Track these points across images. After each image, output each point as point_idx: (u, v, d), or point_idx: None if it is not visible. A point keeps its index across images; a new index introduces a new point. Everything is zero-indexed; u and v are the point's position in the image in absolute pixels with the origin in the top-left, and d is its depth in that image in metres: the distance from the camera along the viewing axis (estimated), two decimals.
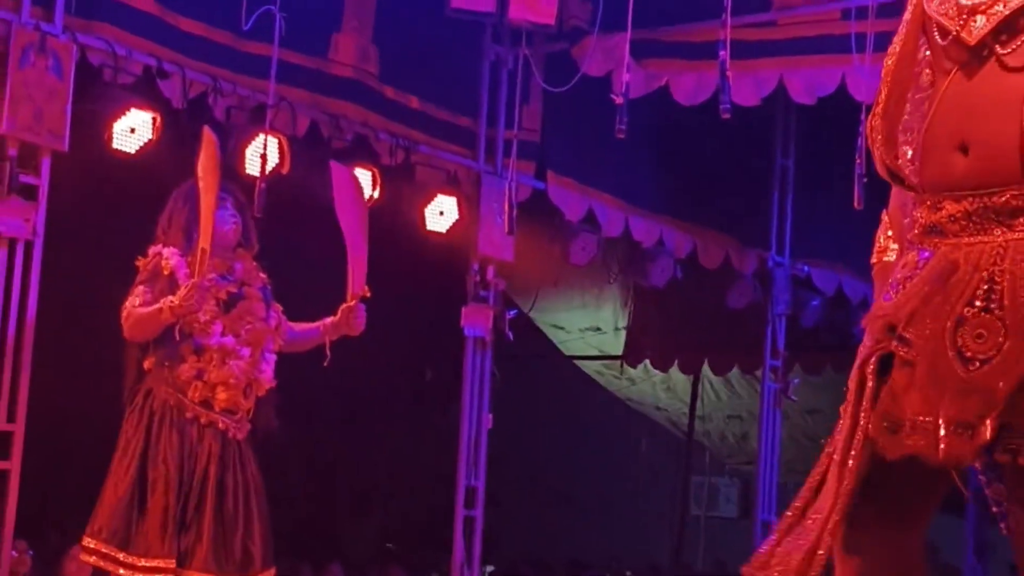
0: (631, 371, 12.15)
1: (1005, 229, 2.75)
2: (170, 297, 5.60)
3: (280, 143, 7.91)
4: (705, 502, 12.95)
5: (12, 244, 6.93)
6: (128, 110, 7.34)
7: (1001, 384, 2.67)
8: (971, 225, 2.77)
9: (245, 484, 5.84)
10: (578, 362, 12.49)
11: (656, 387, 12.57)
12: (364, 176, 8.43)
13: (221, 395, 5.76)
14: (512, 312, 9.64)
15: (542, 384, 11.71)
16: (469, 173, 9.40)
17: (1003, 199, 2.72)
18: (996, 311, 2.69)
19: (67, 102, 7.02)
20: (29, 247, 6.97)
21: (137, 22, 7.50)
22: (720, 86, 6.92)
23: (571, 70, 8.81)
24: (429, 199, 9.03)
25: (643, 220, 10.33)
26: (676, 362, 11.86)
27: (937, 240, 2.79)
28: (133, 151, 7.35)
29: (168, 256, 5.77)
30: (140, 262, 5.83)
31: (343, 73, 8.62)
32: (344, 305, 6.06)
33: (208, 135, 5.86)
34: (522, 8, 8.49)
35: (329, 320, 6.10)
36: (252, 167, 7.70)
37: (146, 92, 7.51)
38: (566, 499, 11.78)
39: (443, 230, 9.06)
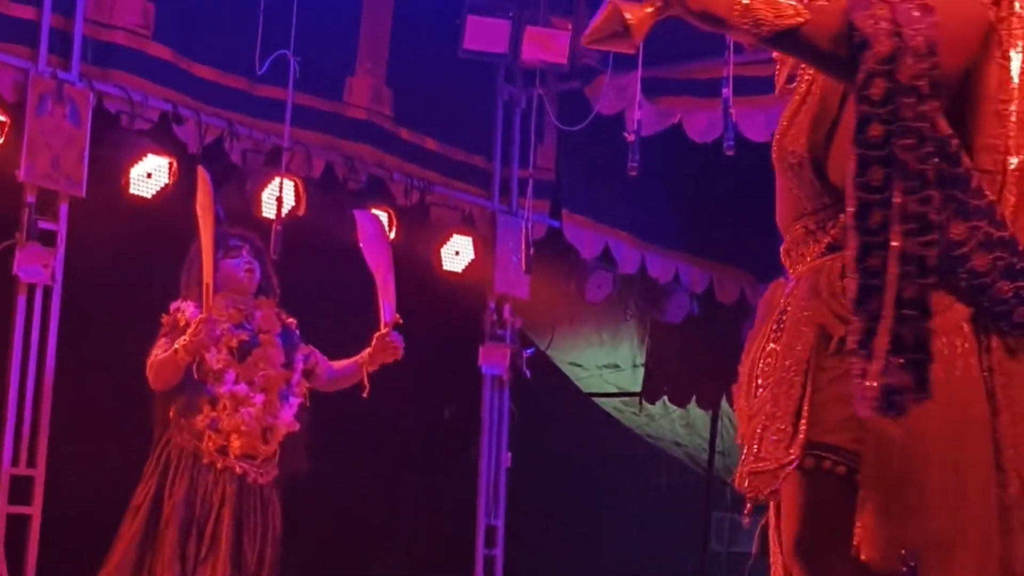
0: (649, 407, 12.13)
1: (800, 262, 2.93)
2: (182, 337, 5.72)
3: (296, 186, 7.98)
4: (727, 538, 12.90)
5: (31, 290, 7.00)
6: (145, 155, 7.40)
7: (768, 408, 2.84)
8: (788, 259, 2.98)
9: (263, 530, 5.90)
10: (596, 399, 12.49)
11: (675, 423, 12.55)
12: (379, 217, 8.43)
13: (235, 443, 5.85)
14: (529, 350, 9.63)
15: (561, 421, 11.70)
16: (484, 213, 9.43)
17: (799, 229, 2.92)
18: (780, 341, 2.88)
19: (84, 149, 7.10)
20: (48, 292, 7.04)
21: (152, 69, 7.56)
22: (724, 123, 6.96)
23: (585, 108, 8.86)
24: (445, 239, 9.06)
25: (659, 257, 10.33)
26: (694, 398, 11.84)
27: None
28: (150, 196, 7.40)
29: (184, 309, 5.89)
30: (164, 318, 5.95)
31: (357, 115, 8.66)
32: (378, 333, 6.15)
33: (202, 174, 5.98)
34: (535, 48, 8.56)
35: (366, 352, 6.19)
36: (268, 210, 7.75)
37: (162, 137, 7.57)
38: (586, 535, 11.74)
39: (459, 270, 9.08)
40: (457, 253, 9.09)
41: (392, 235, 8.53)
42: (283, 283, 6.36)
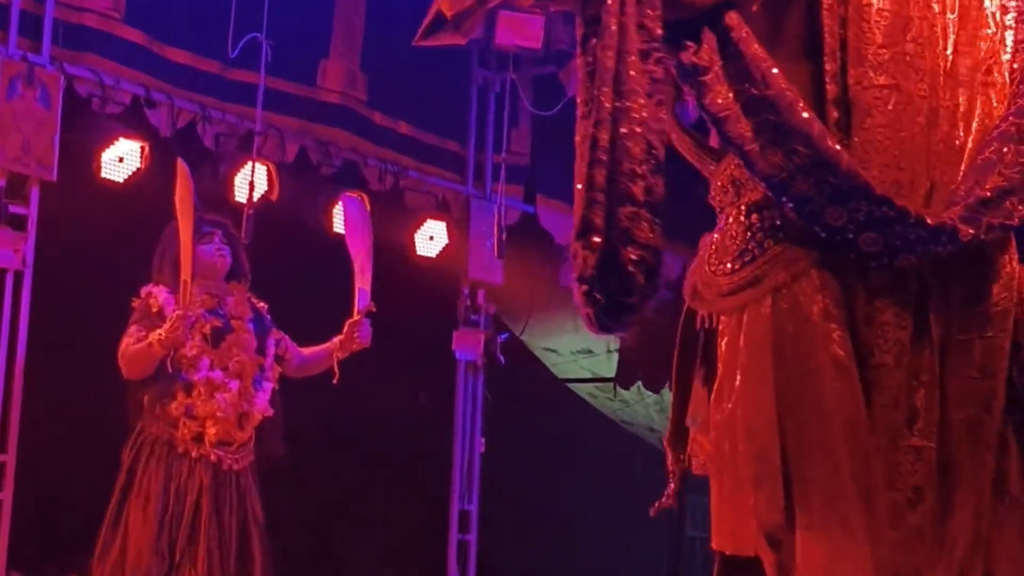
0: (624, 393, 12.10)
1: None
2: (158, 331, 5.68)
3: (269, 170, 7.93)
4: (700, 523, 12.88)
5: (2, 274, 6.95)
6: (116, 139, 7.34)
7: None
8: None
9: (243, 516, 5.89)
10: (571, 384, 12.46)
11: (649, 408, 12.51)
12: (365, 203, 8.32)
13: (211, 429, 5.83)
14: (503, 336, 9.59)
15: (535, 407, 11.68)
16: (458, 197, 9.39)
17: None
18: None
19: (55, 132, 7.02)
20: (19, 277, 6.98)
21: (124, 52, 7.50)
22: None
23: (559, 92, 8.81)
24: (419, 224, 9.02)
25: None
26: (667, 383, 11.83)
27: None
28: (122, 180, 7.34)
29: (156, 294, 5.88)
30: (134, 303, 5.91)
31: (331, 99, 8.61)
32: (350, 320, 6.17)
33: (182, 168, 5.97)
34: (508, 33, 8.51)
35: (336, 339, 6.20)
36: (241, 195, 7.68)
37: (134, 121, 7.52)
38: (560, 520, 11.72)
39: (433, 255, 9.03)
40: (431, 238, 9.04)
41: None
42: (255, 268, 6.34)
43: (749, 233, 2.74)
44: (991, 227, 2.62)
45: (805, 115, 2.65)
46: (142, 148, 7.40)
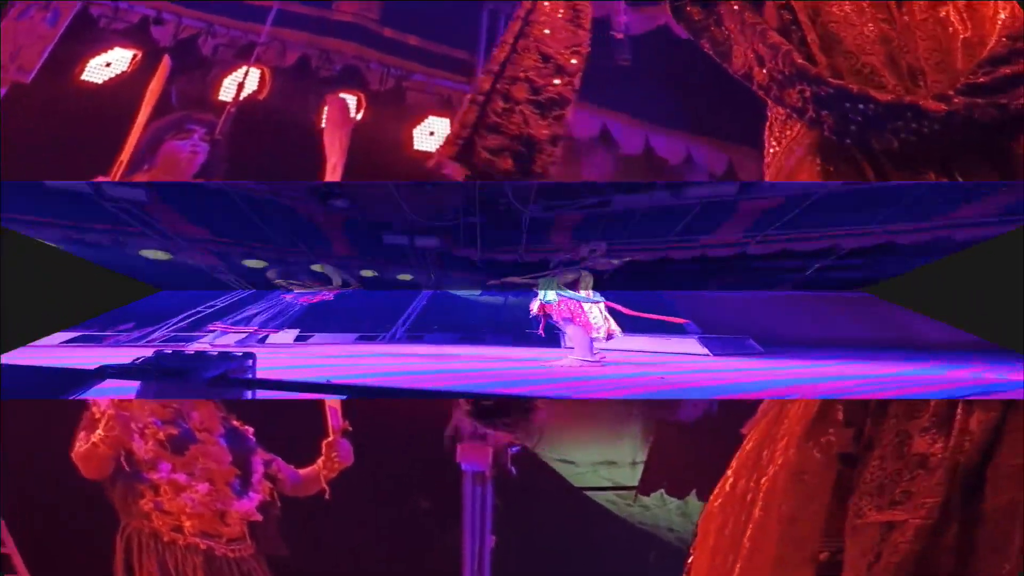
0: (645, 499, 11.46)
1: None
2: (97, 431, 5.78)
3: (262, 73, 8.39)
4: None
5: None
6: (111, 48, 7.89)
7: None
8: None
9: None
10: (589, 492, 11.43)
11: (671, 513, 11.36)
12: (350, 101, 8.62)
13: (187, 523, 5.86)
14: (515, 448, 8.59)
15: (548, 509, 10.38)
16: (464, 97, 9.36)
17: None
18: None
19: (50, 44, 7.51)
20: None
21: None
22: None
23: None
24: (419, 120, 9.09)
25: (665, 137, 10.17)
26: (694, 490, 11.00)
27: None
28: (101, 81, 7.87)
29: (100, 403, 5.88)
30: (85, 414, 5.93)
31: (344, 19, 9.01)
32: (326, 441, 6.17)
33: (165, 61, 6.07)
34: None
35: (320, 460, 6.24)
36: (227, 95, 8.19)
37: (136, 36, 8.06)
38: None
39: (431, 150, 8.94)
40: (432, 133, 9.10)
41: (360, 117, 8.72)
42: (236, 166, 6.24)
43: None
44: (974, 106, 2.65)
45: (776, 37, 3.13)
46: (134, 56, 7.98)
